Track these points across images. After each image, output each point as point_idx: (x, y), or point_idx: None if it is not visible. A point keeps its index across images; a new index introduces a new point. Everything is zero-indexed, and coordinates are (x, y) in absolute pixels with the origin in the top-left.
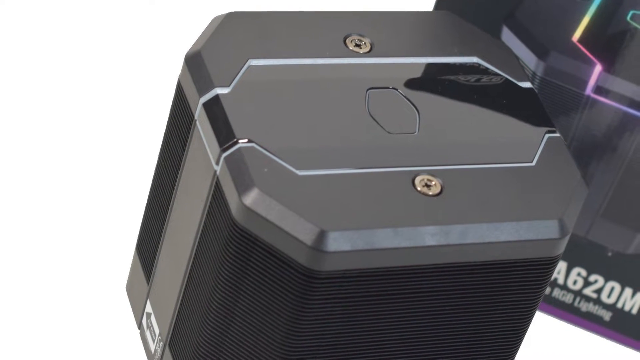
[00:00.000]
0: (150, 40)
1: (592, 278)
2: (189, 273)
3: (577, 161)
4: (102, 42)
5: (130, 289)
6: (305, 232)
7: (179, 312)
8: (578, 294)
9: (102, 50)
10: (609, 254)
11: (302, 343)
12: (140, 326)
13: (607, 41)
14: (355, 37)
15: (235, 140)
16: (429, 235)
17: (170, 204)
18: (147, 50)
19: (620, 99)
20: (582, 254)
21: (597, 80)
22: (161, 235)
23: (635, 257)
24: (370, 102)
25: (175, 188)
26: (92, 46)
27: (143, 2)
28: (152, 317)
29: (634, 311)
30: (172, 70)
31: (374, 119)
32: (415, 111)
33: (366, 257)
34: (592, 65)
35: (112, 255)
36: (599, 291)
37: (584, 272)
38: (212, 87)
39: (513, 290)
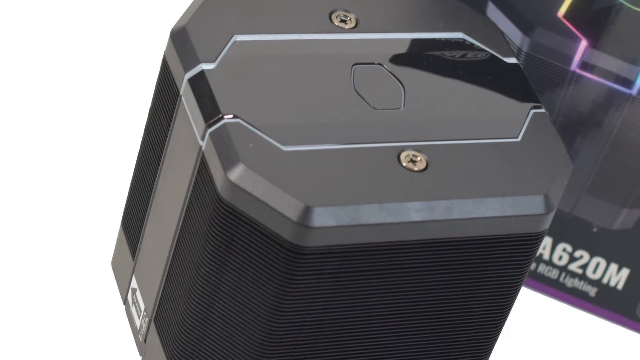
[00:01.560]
0: (135, 15)
1: (577, 254)
2: (174, 249)
3: (562, 137)
4: (86, 17)
5: (116, 264)
6: (290, 208)
7: (164, 287)
8: (563, 269)
9: (86, 25)
10: (595, 229)
11: (288, 318)
12: (125, 302)
13: (592, 17)
14: (341, 13)
15: (220, 115)
16: (414, 211)
17: (156, 179)
18: (132, 25)
19: (606, 74)
20: (568, 229)
21: (583, 56)
22: (147, 211)
23: (620, 232)
24: (356, 78)
25: (160, 164)
26: (77, 21)
27: None
28: (138, 293)
29: (619, 287)
30: (157, 45)
31: (359, 94)
32: (401, 87)
33: (351, 233)
34: (577, 40)
35: (98, 230)
36: (584, 267)
37: (569, 248)
38: (198, 62)
39: (498, 265)
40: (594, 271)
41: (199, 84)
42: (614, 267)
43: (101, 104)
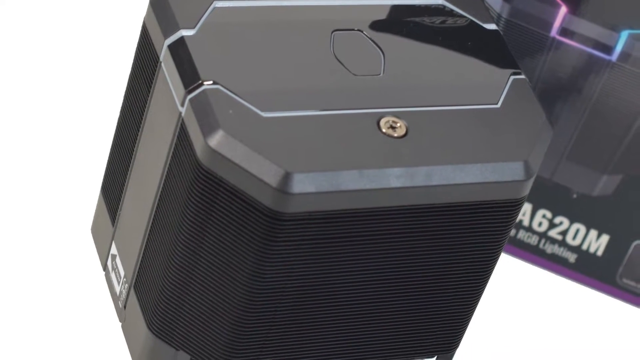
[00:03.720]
0: None
1: (557, 220)
2: (154, 215)
3: (542, 103)
4: None
5: (96, 230)
6: (270, 174)
7: (144, 254)
8: (543, 235)
9: None
10: (574, 195)
11: (267, 285)
12: (105, 268)
13: None
14: None
15: (200, 82)
16: (394, 177)
17: (136, 146)
18: None
19: (585, 40)
20: (548, 195)
21: (562, 22)
22: (126, 178)
23: (600, 198)
24: (336, 44)
25: (140, 130)
26: None
27: None
28: (117, 259)
29: (599, 253)
30: (137, 12)
31: (339, 61)
32: (380, 53)
33: (331, 199)
34: (557, 7)
35: (77, 197)
36: (564, 233)
37: (549, 214)
38: (177, 28)
39: (478, 232)
40: (574, 237)
41: (179, 50)
42: (593, 233)
43: (81, 71)
